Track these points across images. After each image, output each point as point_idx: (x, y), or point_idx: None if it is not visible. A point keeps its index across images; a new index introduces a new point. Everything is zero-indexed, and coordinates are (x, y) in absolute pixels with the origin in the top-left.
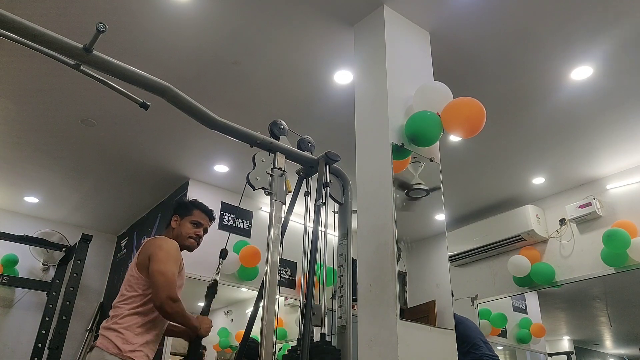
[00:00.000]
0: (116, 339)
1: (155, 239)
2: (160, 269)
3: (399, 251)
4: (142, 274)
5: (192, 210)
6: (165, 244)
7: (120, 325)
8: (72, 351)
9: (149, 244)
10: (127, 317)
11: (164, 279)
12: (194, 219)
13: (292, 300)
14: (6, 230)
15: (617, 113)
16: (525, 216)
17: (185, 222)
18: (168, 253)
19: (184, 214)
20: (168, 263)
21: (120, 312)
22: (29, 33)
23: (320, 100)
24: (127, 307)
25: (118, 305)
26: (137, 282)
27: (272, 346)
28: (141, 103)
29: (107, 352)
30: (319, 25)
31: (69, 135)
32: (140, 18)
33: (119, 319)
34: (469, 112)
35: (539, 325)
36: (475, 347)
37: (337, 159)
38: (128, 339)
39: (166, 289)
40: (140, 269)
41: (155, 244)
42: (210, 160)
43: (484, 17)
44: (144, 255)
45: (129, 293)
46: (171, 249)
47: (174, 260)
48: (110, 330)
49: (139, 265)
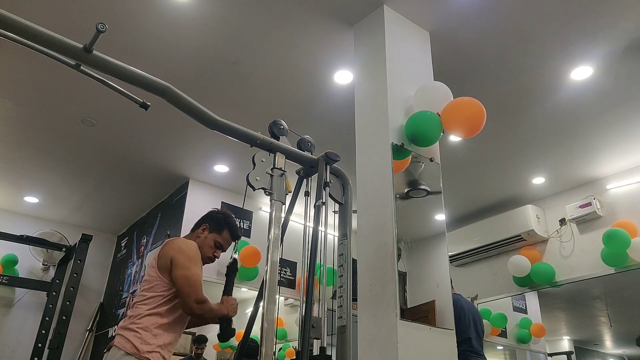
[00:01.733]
0: (134, 339)
1: (174, 240)
2: (184, 274)
3: (399, 251)
4: (164, 276)
5: (223, 231)
6: (185, 247)
7: (138, 325)
8: (72, 351)
9: (168, 246)
10: (146, 317)
11: (188, 283)
12: (220, 240)
13: (292, 300)
14: (6, 230)
15: (617, 113)
16: (525, 216)
17: (211, 239)
18: (190, 257)
19: (213, 229)
20: (191, 267)
21: (138, 312)
22: (29, 33)
23: (320, 100)
24: (145, 308)
25: (137, 306)
26: (157, 283)
27: (272, 346)
28: (141, 103)
29: (124, 351)
30: (319, 25)
31: (69, 135)
32: (140, 18)
33: (137, 319)
34: (469, 112)
35: (539, 325)
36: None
37: (337, 159)
38: (146, 339)
39: (193, 294)
40: (162, 271)
41: (175, 247)
42: (210, 160)
43: (484, 17)
44: (165, 258)
45: (149, 294)
46: (191, 251)
47: (196, 262)
48: (128, 330)
49: (160, 267)
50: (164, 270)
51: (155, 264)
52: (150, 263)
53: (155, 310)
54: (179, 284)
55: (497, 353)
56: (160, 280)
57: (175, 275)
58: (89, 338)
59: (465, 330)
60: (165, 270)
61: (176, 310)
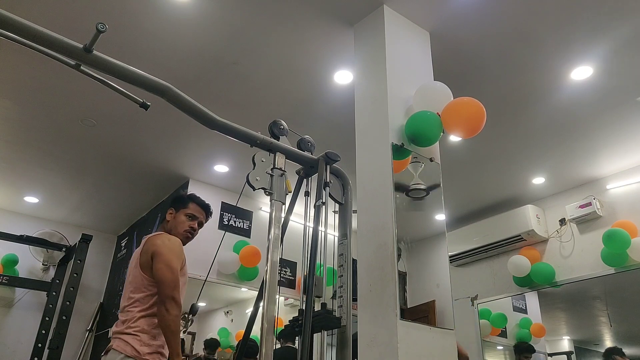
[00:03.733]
0: (133, 342)
1: (154, 237)
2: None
3: (399, 251)
4: (146, 274)
5: (188, 203)
6: (167, 241)
7: (134, 328)
8: (72, 351)
9: (149, 243)
10: (140, 319)
11: (170, 272)
12: (189, 212)
13: (292, 300)
14: (6, 230)
15: (617, 113)
16: (525, 216)
17: (180, 215)
18: (171, 250)
19: (180, 207)
20: (171, 261)
21: (131, 315)
22: (29, 33)
23: (320, 100)
24: (137, 310)
25: (128, 310)
26: (142, 282)
27: (272, 346)
28: (141, 103)
29: (124, 354)
30: (319, 25)
31: (69, 135)
32: (140, 18)
33: (132, 323)
34: (469, 112)
35: (539, 325)
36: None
37: (337, 159)
38: (146, 342)
39: (171, 287)
40: (144, 268)
41: (156, 242)
42: (210, 160)
43: (484, 17)
44: (145, 255)
45: (136, 295)
46: (174, 245)
47: (177, 257)
48: (126, 334)
49: (142, 265)
50: (146, 268)
51: (137, 264)
52: (133, 263)
53: (148, 311)
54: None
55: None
56: (144, 279)
57: (156, 266)
58: (89, 338)
59: None
60: (147, 267)
61: None
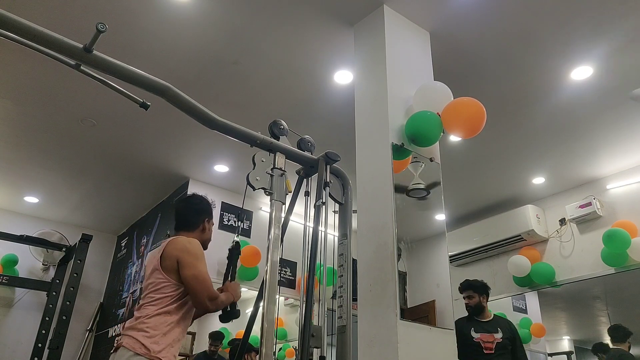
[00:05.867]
0: (144, 339)
1: (176, 240)
2: (194, 274)
3: (399, 251)
4: (171, 277)
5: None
6: (189, 246)
7: (147, 324)
8: (72, 351)
9: (171, 247)
10: (155, 317)
11: (199, 282)
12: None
13: (292, 300)
14: (6, 230)
15: (617, 113)
16: (525, 216)
17: (210, 224)
18: (196, 255)
19: (211, 216)
20: (198, 265)
21: (147, 312)
22: (29, 33)
23: (320, 100)
24: (154, 308)
25: (145, 307)
26: (165, 285)
27: (272, 346)
28: (141, 103)
29: (133, 352)
30: (319, 25)
31: (69, 135)
32: (140, 18)
33: (146, 319)
34: (469, 112)
35: (539, 325)
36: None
37: (337, 159)
38: (156, 339)
39: (205, 292)
40: (168, 272)
41: (179, 247)
42: (210, 160)
43: (484, 17)
44: (170, 259)
45: (157, 295)
46: (196, 248)
47: (202, 259)
48: (136, 330)
49: (165, 268)
50: (171, 271)
51: (159, 266)
52: (152, 265)
53: (165, 309)
54: (190, 284)
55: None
56: (167, 282)
57: (184, 275)
58: (89, 338)
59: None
60: (171, 271)
61: (184, 306)
